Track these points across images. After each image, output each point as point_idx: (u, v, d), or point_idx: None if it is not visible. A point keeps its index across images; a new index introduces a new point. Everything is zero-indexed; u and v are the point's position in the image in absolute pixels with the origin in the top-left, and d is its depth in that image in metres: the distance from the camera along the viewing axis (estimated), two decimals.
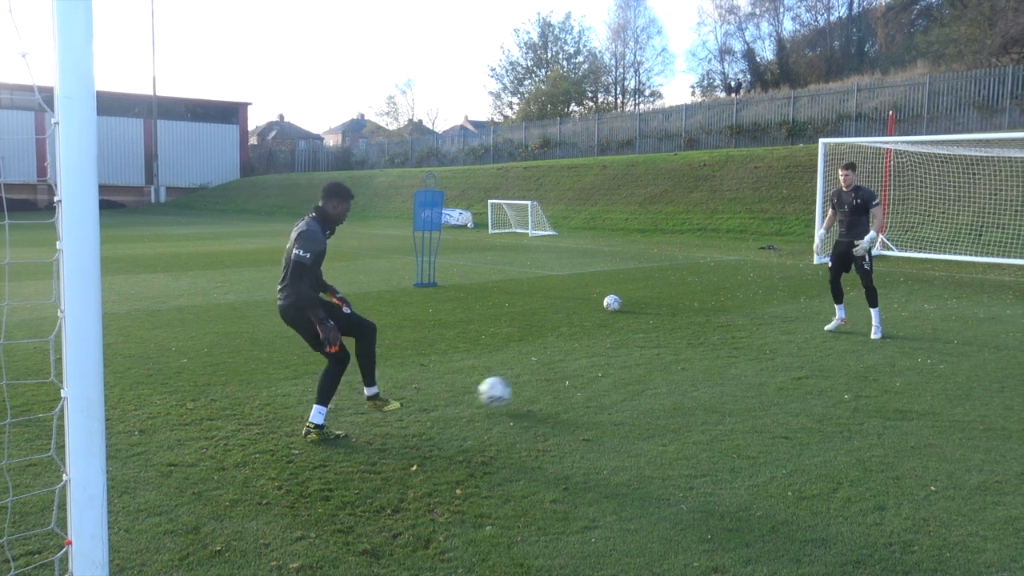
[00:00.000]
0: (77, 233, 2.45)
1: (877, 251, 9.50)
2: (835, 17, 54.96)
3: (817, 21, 55.60)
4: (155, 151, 61.01)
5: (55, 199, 2.46)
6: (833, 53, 53.10)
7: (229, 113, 66.91)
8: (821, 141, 19.28)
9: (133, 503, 4.38)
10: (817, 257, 10.60)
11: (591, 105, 62.01)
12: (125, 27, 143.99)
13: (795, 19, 57.23)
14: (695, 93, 60.85)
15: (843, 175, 9.32)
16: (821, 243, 10.59)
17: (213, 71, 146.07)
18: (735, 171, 29.68)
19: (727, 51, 59.25)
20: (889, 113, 25.38)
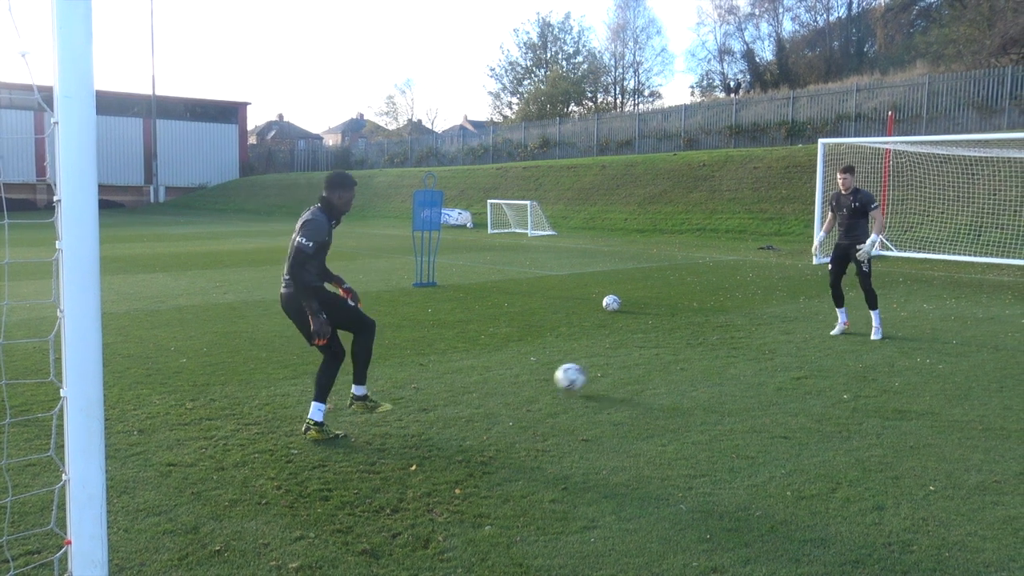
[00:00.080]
0: (76, 233, 2.45)
1: (876, 252, 9.52)
2: (834, 17, 55.01)
3: (816, 21, 55.66)
4: (154, 151, 61.00)
5: (54, 199, 2.46)
6: (832, 53, 53.11)
7: (228, 113, 66.89)
8: (820, 141, 19.28)
9: (132, 503, 4.38)
10: (816, 257, 10.60)
11: (590, 105, 61.99)
12: (124, 26, 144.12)
13: (794, 19, 57.27)
14: (694, 93, 60.95)
15: (841, 178, 9.32)
16: (820, 245, 10.61)
17: (212, 71, 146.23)
18: (734, 171, 29.68)
19: (726, 51, 59.30)
20: (888, 113, 25.40)
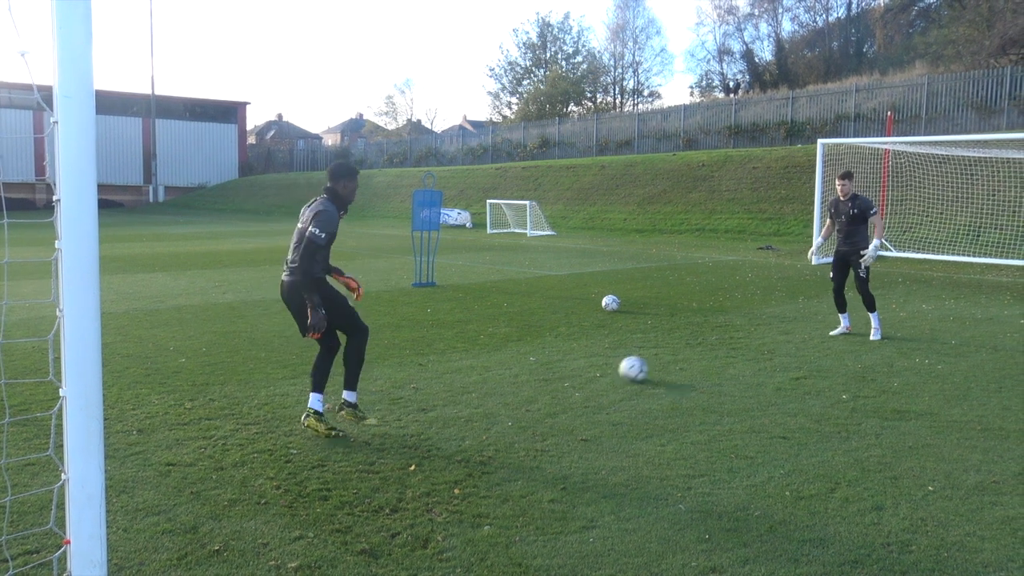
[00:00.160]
0: (76, 232, 2.44)
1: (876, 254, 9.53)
2: (833, 18, 55.00)
3: (816, 22, 55.65)
4: (153, 150, 60.99)
5: (54, 198, 2.46)
6: (832, 54, 53.11)
7: (228, 112, 66.87)
8: (820, 141, 19.30)
9: (131, 502, 4.38)
10: (814, 258, 10.59)
11: (590, 105, 62.01)
12: (124, 26, 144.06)
13: (794, 20, 57.24)
14: (694, 93, 60.92)
15: (840, 185, 9.31)
16: (817, 249, 10.61)
17: (212, 70, 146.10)
18: (733, 171, 29.68)
19: (726, 51, 59.29)
20: (887, 114, 25.42)
